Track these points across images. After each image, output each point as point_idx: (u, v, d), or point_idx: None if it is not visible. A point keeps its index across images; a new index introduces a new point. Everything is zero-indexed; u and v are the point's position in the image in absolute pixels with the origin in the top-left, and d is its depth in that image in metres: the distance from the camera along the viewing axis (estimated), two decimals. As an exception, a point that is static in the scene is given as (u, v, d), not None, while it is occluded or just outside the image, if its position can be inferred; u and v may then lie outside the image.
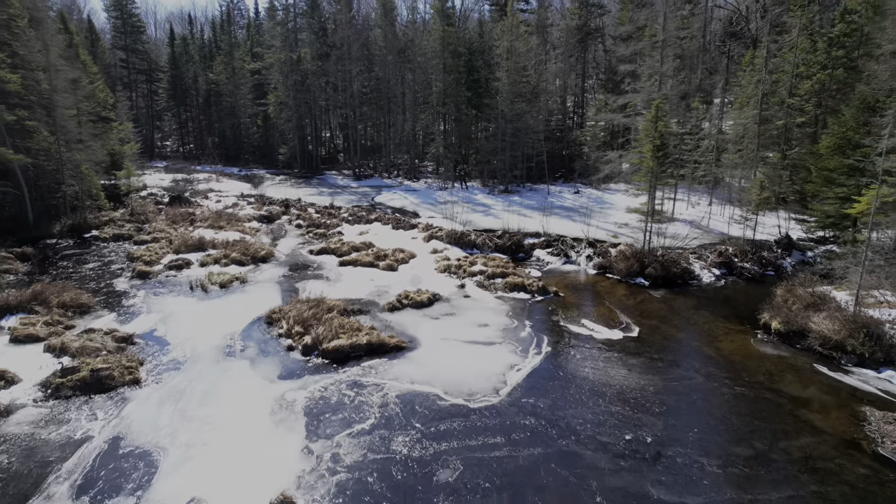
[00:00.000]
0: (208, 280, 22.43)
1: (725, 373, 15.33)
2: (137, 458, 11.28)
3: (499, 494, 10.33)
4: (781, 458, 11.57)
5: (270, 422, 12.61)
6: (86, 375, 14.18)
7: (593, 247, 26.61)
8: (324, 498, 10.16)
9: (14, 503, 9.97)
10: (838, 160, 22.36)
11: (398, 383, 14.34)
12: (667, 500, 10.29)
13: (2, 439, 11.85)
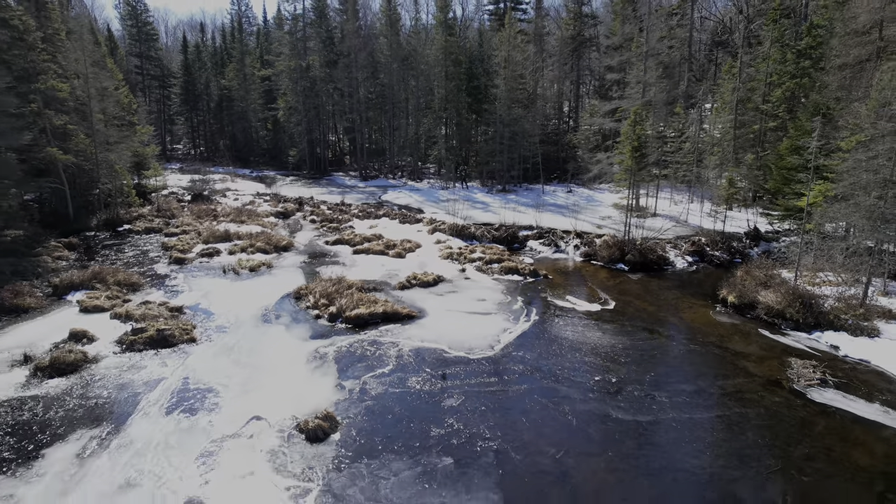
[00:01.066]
0: (238, 265, 25.43)
1: (684, 335, 18.30)
2: (205, 391, 14.23)
3: (492, 414, 13.29)
4: (717, 392, 14.54)
5: (308, 368, 15.57)
6: (152, 334, 17.17)
7: (580, 237, 29.63)
8: (356, 416, 13.12)
9: (120, 418, 12.93)
10: (794, 160, 25.38)
11: (410, 341, 17.31)
12: (623, 418, 13.25)
13: (98, 377, 14.84)
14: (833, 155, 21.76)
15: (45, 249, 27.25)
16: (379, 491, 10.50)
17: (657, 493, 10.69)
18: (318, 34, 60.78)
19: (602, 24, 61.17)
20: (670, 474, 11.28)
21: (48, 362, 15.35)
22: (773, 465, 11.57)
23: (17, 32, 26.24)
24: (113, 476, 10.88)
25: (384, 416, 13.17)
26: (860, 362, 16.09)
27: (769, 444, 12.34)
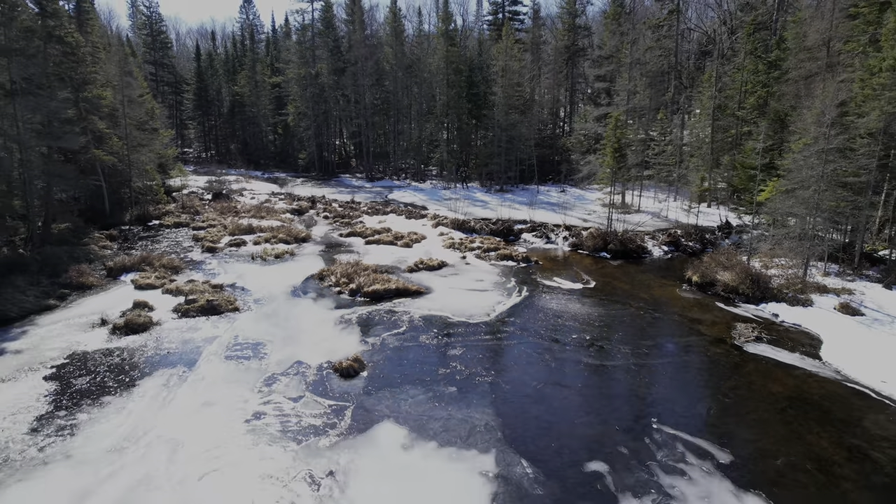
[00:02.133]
0: (264, 253, 28.75)
1: (651, 307, 21.57)
2: (254, 345, 17.50)
3: (487, 360, 16.55)
4: (671, 346, 17.82)
5: (336, 329, 18.85)
6: (203, 304, 20.46)
7: (569, 230, 32.95)
8: (378, 361, 16.37)
9: (190, 362, 16.20)
10: (754, 160, 28.68)
11: (420, 311, 20.59)
12: (592, 363, 16.52)
13: (164, 335, 18.14)
14: (785, 155, 25.09)
15: (90, 240, 30.58)
16: (400, 407, 13.75)
17: (612, 408, 13.93)
18: (326, 43, 64.20)
19: (594, 35, 64.73)
20: (624, 398, 14.54)
21: (123, 323, 18.65)
22: (706, 392, 14.84)
23: (69, 48, 29.63)
24: (195, 398, 14.14)
25: (401, 361, 16.43)
26: (793, 325, 19.37)
27: (706, 379, 15.61)
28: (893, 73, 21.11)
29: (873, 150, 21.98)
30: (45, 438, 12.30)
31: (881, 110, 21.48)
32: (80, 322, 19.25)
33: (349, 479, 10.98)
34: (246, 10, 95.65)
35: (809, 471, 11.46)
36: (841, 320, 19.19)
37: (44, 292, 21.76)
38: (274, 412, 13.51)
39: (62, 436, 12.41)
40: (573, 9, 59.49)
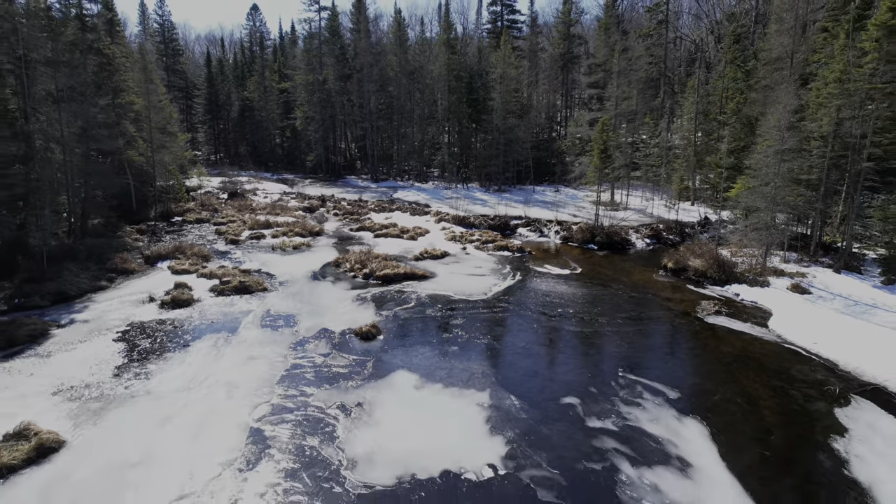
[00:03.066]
0: (283, 244, 31.71)
1: (630, 288, 24.50)
2: (284, 316, 20.42)
3: (484, 328, 19.47)
4: (644, 318, 20.75)
5: (353, 304, 21.78)
6: (236, 284, 23.41)
7: (560, 225, 35.92)
8: (392, 328, 19.29)
9: (231, 329, 19.13)
10: (728, 161, 31.69)
11: (425, 290, 23.53)
12: (574, 330, 19.45)
13: (206, 309, 21.09)
14: (751, 156, 28.07)
15: (123, 233, 33.60)
16: (412, 361, 16.67)
17: (588, 362, 16.83)
18: (332, 51, 67.24)
19: (589, 43, 67.85)
20: (598, 355, 17.47)
21: (169, 300, 21.59)
22: (667, 351, 17.78)
23: (106, 59, 32.65)
24: (241, 354, 17.07)
25: (411, 328, 19.37)
26: (750, 303, 22.31)
27: (668, 342, 18.55)
28: (840, 84, 24.09)
29: (824, 151, 24.96)
30: (127, 381, 15.23)
31: (830, 117, 24.47)
32: (130, 299, 22.19)
33: (374, 408, 13.91)
34: (253, 18, 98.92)
35: (739, 403, 14.39)
36: (790, 298, 22.14)
37: (94, 276, 24.71)
38: (308, 364, 16.44)
39: (140, 379, 15.34)
40: (568, 19, 62.68)
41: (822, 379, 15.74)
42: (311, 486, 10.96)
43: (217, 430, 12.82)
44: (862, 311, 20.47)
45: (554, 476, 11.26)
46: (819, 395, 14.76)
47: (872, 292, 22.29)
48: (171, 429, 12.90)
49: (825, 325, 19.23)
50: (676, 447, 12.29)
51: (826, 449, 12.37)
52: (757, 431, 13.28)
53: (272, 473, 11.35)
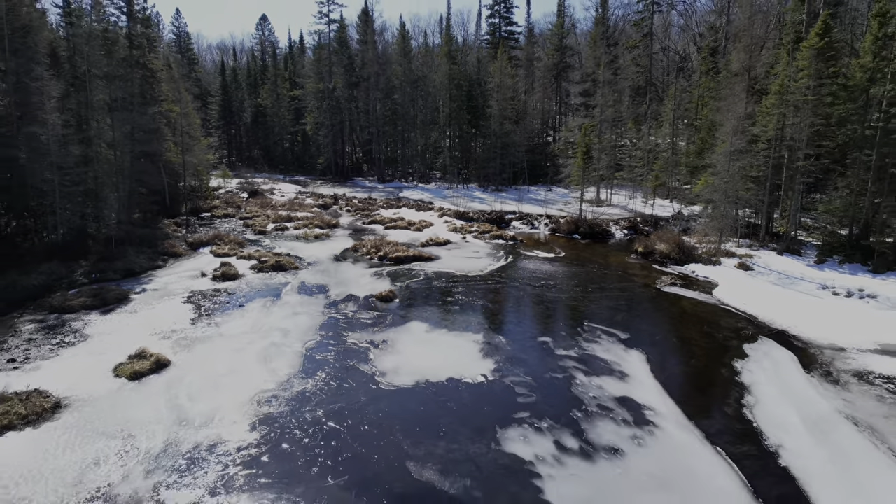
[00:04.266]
0: (306, 234, 36.22)
1: (603, 268, 28.97)
2: (316, 286, 24.88)
3: (480, 295, 23.93)
4: (611, 288, 25.20)
5: (372, 278, 26.25)
6: (273, 263, 27.90)
7: (549, 218, 40.43)
8: (405, 295, 23.74)
9: (275, 296, 23.60)
10: (695, 161, 36.20)
11: (431, 268, 28.00)
12: (552, 296, 23.92)
13: (250, 282, 25.59)
14: (711, 156, 32.60)
15: (163, 225, 38.08)
16: (422, 315, 21.11)
17: (561, 315, 21.26)
18: (341, 60, 71.92)
19: (580, 54, 72.56)
20: (570, 311, 21.90)
21: (219, 274, 26.09)
22: (625, 310, 22.26)
23: (150, 72, 37.26)
24: (287, 311, 21.52)
25: (420, 294, 23.85)
26: (703, 277, 26.77)
27: (627, 304, 23.01)
28: (780, 95, 28.61)
29: (768, 152, 29.48)
30: (201, 328, 19.70)
31: (773, 123, 29.00)
32: (186, 275, 26.69)
33: (395, 343, 18.35)
34: (262, 28, 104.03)
35: (673, 341, 18.86)
36: (736, 273, 26.61)
37: (150, 258, 29.22)
38: (341, 317, 20.91)
39: (211, 326, 19.82)
40: (561, 31, 67.45)
41: (742, 327, 20.20)
42: (355, 386, 15.41)
43: (279, 356, 17.27)
44: (789, 283, 24.95)
45: (527, 381, 15.69)
46: (736, 337, 19.21)
47: (803, 269, 26.76)
48: (245, 356, 17.34)
49: (756, 292, 23.71)
50: (619, 366, 16.72)
51: (728, 366, 16.80)
52: (682, 357, 17.74)
53: (325, 379, 15.79)
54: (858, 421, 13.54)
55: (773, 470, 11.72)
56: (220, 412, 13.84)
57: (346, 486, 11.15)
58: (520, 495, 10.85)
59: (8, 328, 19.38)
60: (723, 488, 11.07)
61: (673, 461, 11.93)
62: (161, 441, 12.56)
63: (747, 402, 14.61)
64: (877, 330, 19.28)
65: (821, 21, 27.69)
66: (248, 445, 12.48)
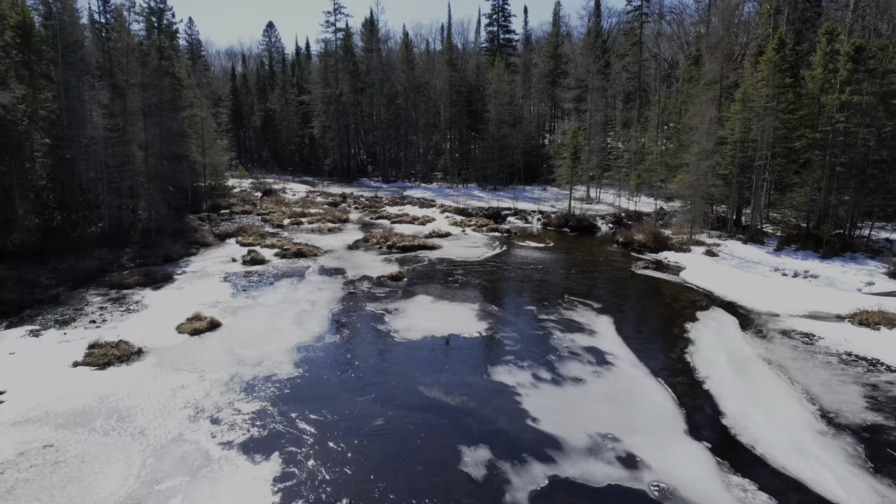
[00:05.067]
0: (320, 228, 39.91)
1: (587, 255, 32.62)
2: (334, 269, 28.54)
3: (477, 275, 27.59)
4: (591, 271, 28.86)
5: (383, 263, 29.92)
6: (294, 251, 31.59)
7: (542, 214, 44.12)
8: (412, 275, 27.40)
9: (300, 276, 27.28)
10: (673, 161, 39.87)
11: (434, 255, 31.67)
12: (540, 277, 27.57)
13: (277, 266, 29.29)
14: (686, 157, 36.26)
15: (188, 220, 41.76)
16: (428, 290, 24.75)
17: (546, 291, 24.89)
18: (346, 67, 75.73)
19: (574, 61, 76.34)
20: (553, 287, 25.55)
21: (248, 260, 29.76)
22: (602, 286, 25.90)
23: (178, 81, 41.01)
24: (311, 288, 25.18)
25: (425, 275, 27.50)
26: (674, 263, 30.39)
27: (604, 282, 26.66)
28: (742, 103, 32.31)
29: (734, 153, 33.17)
30: (241, 300, 23.36)
31: (738, 128, 32.69)
32: (218, 260, 30.37)
33: (406, 311, 21.99)
34: (269, 34, 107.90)
35: (638, 309, 22.54)
36: (702, 259, 30.27)
37: (184, 246, 32.91)
38: (359, 292, 24.57)
39: (249, 298, 23.47)
40: (555, 40, 71.29)
41: (698, 300, 23.85)
42: (374, 339, 19.07)
43: (310, 319, 20.92)
44: (747, 266, 28.62)
45: (514, 336, 19.34)
46: (692, 306, 22.86)
47: (762, 255, 30.42)
48: (281, 319, 20.99)
49: (716, 274, 27.37)
50: (590, 326, 20.36)
51: (680, 326, 20.44)
52: (643, 320, 21.41)
53: (350, 335, 19.45)
54: (772, 361, 17.17)
55: (698, 391, 15.35)
56: (268, 357, 17.47)
57: (372, 401, 14.79)
58: (504, 406, 14.49)
59: (80, 300, 23.06)
60: (657, 402, 14.70)
61: (622, 386, 15.57)
62: (227, 374, 16.20)
63: (689, 349, 18.24)
64: (809, 301, 22.92)
65: (776, 38, 31.43)
66: (293, 377, 16.11)
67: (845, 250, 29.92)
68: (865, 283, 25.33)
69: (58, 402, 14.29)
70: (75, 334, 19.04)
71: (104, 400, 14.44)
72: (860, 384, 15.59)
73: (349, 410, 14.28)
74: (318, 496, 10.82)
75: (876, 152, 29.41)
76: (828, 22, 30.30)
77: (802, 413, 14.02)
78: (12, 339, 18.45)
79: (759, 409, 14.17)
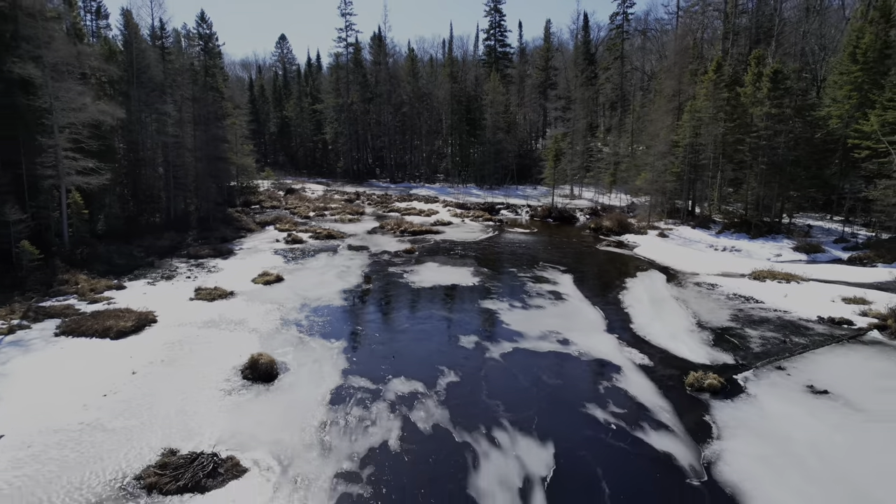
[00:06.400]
0: (341, 218, 47.23)
1: (563, 238, 39.88)
2: (361, 247, 35.82)
3: (474, 251, 34.86)
4: (564, 248, 36.13)
5: (397, 243, 37.20)
6: (325, 234, 38.91)
7: (530, 207, 51.43)
8: (421, 251, 34.66)
9: (334, 251, 34.59)
10: (641, 161, 47.18)
11: (439, 238, 38.97)
12: (523, 251, 34.83)
13: (313, 245, 36.63)
14: (646, 158, 43.54)
15: (230, 212, 49.09)
16: (434, 259, 31.99)
17: (526, 258, 32.09)
18: (357, 79, 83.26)
19: (565, 71, 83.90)
20: (532, 257, 32.79)
21: (290, 240, 37.05)
22: (570, 257, 33.17)
23: (219, 94, 48.38)
24: (344, 258, 32.45)
25: (432, 250, 34.77)
26: (632, 242, 37.63)
27: (572, 255, 33.93)
28: (691, 114, 39.61)
29: (684, 155, 40.47)
30: (292, 265, 30.61)
31: (687, 134, 39.99)
32: (265, 241, 37.66)
33: (419, 271, 29.23)
34: (281, 46, 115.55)
35: (594, 271, 29.81)
36: (654, 239, 37.52)
37: (233, 231, 40.21)
38: (381, 260, 31.83)
39: (297, 265, 30.71)
40: (546, 54, 78.80)
41: (642, 266, 31.08)
42: (397, 286, 26.33)
43: (349, 276, 28.16)
44: (689, 244, 35.88)
45: (498, 285, 26.57)
46: (635, 269, 30.08)
47: (704, 237, 37.67)
48: (327, 276, 28.23)
49: (662, 249, 34.62)
50: (555, 280, 27.55)
51: (622, 280, 27.64)
52: (596, 277, 28.67)
53: (379, 284, 26.69)
54: (679, 299, 24.40)
55: (621, 314, 22.55)
56: (323, 296, 24.69)
57: (397, 316, 22.01)
58: (488, 318, 21.71)
59: (170, 265, 30.32)
60: (590, 317, 21.90)
61: (569, 310, 22.79)
62: (298, 304, 23.42)
63: (623, 293, 25.47)
64: (725, 266, 30.15)
65: (715, 61, 38.82)
66: (342, 306, 23.32)
67: (771, 232, 37.17)
68: (775, 255, 32.59)
69: (192, 317, 21.52)
70: (180, 284, 26.31)
71: (222, 315, 21.69)
72: (731, 309, 22.82)
73: (383, 322, 21.54)
74: (371, 355, 18.03)
75: (792, 153, 36.70)
76: (756, 49, 37.64)
77: (685, 322, 21.23)
78: (139, 287, 25.71)
79: (658, 322, 21.39)
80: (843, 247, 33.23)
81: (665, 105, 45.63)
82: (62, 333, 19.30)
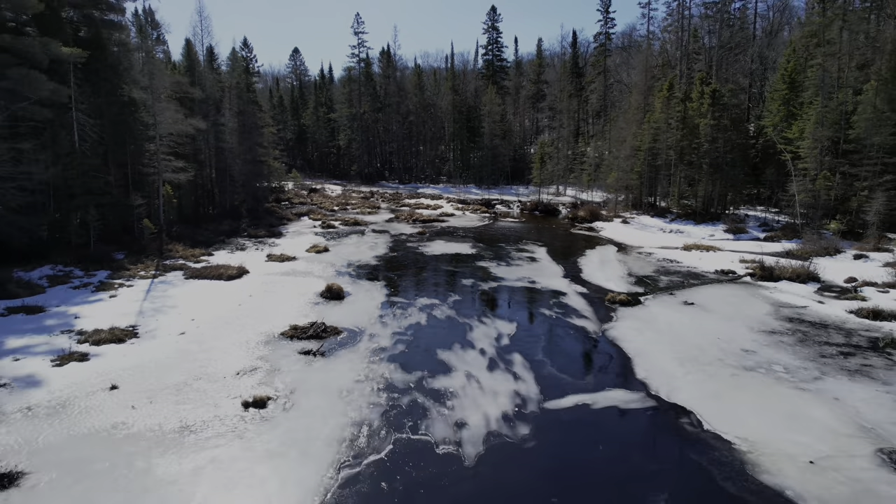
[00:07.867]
0: (362, 211, 56.34)
1: (545, 226, 48.90)
2: (382, 231, 44.87)
3: (473, 234, 43.88)
4: (544, 231, 45.18)
5: (411, 228, 46.26)
6: (352, 222, 48.04)
7: (521, 203, 60.54)
8: (431, 234, 43.67)
9: (361, 234, 43.63)
10: (613, 162, 56.24)
11: (444, 225, 48.04)
12: (512, 234, 43.85)
13: (343, 229, 45.74)
14: (616, 161, 52.62)
15: (268, 206, 58.20)
16: (440, 239, 41.00)
17: (514, 238, 41.05)
18: (367, 91, 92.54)
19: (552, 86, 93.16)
20: (517, 238, 41.79)
21: (325, 226, 46.15)
22: (548, 237, 42.18)
23: (258, 107, 57.55)
24: (370, 239, 41.50)
25: (439, 233, 43.82)
26: (599, 227, 46.62)
27: (549, 237, 42.95)
28: (649, 123, 48.62)
29: (645, 157, 49.51)
30: (332, 242, 39.62)
31: (646, 140, 49.03)
32: (304, 227, 46.71)
33: (429, 245, 38.25)
34: (294, 59, 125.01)
35: (565, 246, 38.90)
36: (618, 225, 46.54)
37: (277, 220, 49.29)
38: (400, 240, 40.85)
39: (336, 241, 39.73)
40: (538, 69, 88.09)
41: (604, 243, 40.04)
42: (414, 253, 35.34)
43: (378, 248, 37.18)
44: (644, 228, 44.89)
45: (490, 253, 35.56)
46: (596, 245, 39.03)
47: (659, 223, 46.68)
48: (361, 248, 37.24)
49: (622, 232, 43.62)
50: (533, 251, 36.50)
51: (583, 251, 36.58)
52: (564, 249, 37.73)
53: (401, 253, 35.70)
54: (621, 262, 33.36)
55: (576, 269, 31.48)
56: (361, 259, 33.66)
57: (418, 270, 31.02)
58: (483, 270, 30.68)
59: (236, 243, 39.29)
60: (554, 271, 30.85)
61: (540, 267, 31.75)
62: (345, 263, 32.38)
63: (581, 258, 34.44)
64: (666, 242, 39.13)
65: (668, 80, 47.92)
66: (377, 265, 32.30)
67: (713, 220, 46.16)
68: (709, 235, 41.56)
69: (273, 270, 30.50)
70: (252, 253, 35.31)
71: (293, 269, 30.70)
72: (656, 267, 31.78)
73: (407, 273, 30.58)
74: (402, 288, 27.00)
75: (729, 156, 45.71)
76: (699, 72, 46.75)
77: (620, 272, 30.20)
78: (223, 255, 34.65)
79: (600, 272, 30.36)
80: (764, 230, 42.22)
81: (632, 115, 54.74)
82: (190, 277, 28.32)
